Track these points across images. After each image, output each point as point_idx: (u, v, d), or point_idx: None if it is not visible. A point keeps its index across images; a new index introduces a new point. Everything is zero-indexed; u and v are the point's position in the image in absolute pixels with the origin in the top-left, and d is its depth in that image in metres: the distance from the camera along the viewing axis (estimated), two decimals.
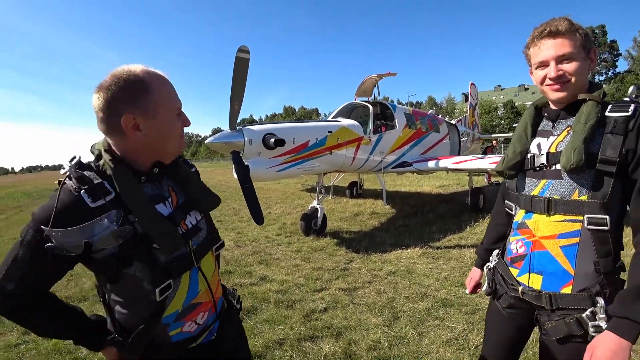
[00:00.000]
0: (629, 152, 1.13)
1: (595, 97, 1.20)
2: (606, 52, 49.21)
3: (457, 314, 3.40)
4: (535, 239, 1.29)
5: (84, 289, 4.48)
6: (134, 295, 1.08)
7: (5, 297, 0.99)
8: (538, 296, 1.27)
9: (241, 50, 5.00)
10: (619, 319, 1.07)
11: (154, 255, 1.06)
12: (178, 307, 1.14)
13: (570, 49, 1.19)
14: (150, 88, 1.03)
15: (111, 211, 0.99)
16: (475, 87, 14.58)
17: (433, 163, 8.15)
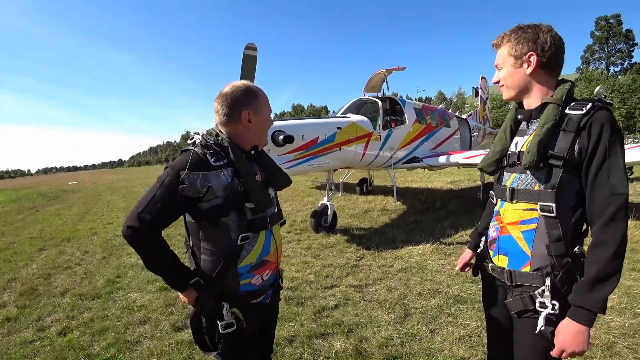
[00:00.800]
0: (582, 150, 1.24)
1: (555, 100, 1.33)
2: (621, 42, 47.93)
3: (470, 310, 3.34)
4: (503, 225, 1.46)
5: (97, 287, 4.54)
6: (223, 240, 1.41)
7: (142, 226, 1.30)
8: (501, 273, 1.45)
9: (248, 48, 4.99)
10: (576, 307, 1.21)
11: (245, 211, 1.42)
12: (253, 260, 1.46)
13: (499, 60, 1.46)
14: (258, 96, 1.52)
15: (228, 169, 1.40)
16: (486, 80, 14.31)
17: (444, 158, 8.03)
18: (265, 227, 1.49)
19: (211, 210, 1.37)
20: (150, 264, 1.40)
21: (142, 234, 1.32)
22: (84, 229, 8.58)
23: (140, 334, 3.30)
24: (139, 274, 4.94)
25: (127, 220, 1.31)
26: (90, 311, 3.85)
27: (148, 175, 36.86)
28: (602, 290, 1.18)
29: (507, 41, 1.41)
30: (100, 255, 6.07)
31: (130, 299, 4.12)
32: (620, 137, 1.25)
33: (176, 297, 4.03)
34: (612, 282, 1.18)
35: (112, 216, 10.39)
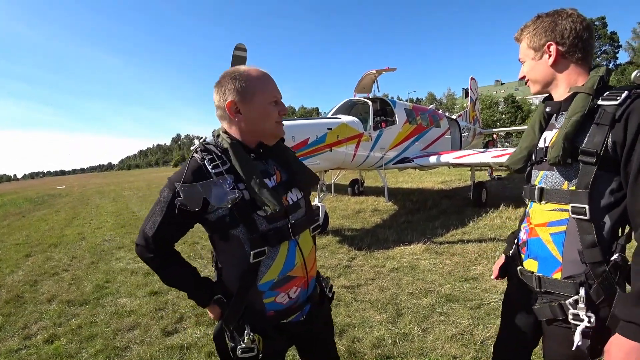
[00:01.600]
0: (615, 144, 1.11)
1: (585, 89, 1.21)
2: (606, 43, 48.94)
3: (462, 309, 3.35)
4: (532, 227, 1.36)
5: (85, 293, 4.46)
6: (237, 255, 1.25)
7: (147, 243, 1.27)
8: (530, 277, 1.34)
9: (238, 48, 4.98)
10: (626, 322, 1.07)
11: (255, 222, 1.22)
12: (274, 276, 1.27)
13: (520, 54, 1.39)
14: (246, 78, 1.26)
15: (227, 176, 1.21)
16: (476, 81, 14.49)
17: (434, 158, 8.09)
18: (285, 238, 1.27)
19: (218, 222, 1.24)
20: (165, 279, 1.37)
21: (148, 251, 1.29)
22: (72, 234, 8.43)
23: (130, 339, 3.24)
24: (128, 279, 4.86)
25: (137, 238, 1.32)
26: (78, 317, 3.77)
27: (138, 179, 36.46)
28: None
29: (526, 33, 1.34)
30: (89, 261, 5.96)
31: (120, 304, 4.05)
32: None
33: (166, 302, 3.98)
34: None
35: (101, 220, 10.24)
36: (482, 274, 4.11)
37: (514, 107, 47.25)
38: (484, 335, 2.86)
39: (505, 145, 31.00)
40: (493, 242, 5.27)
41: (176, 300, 4.01)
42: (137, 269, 5.27)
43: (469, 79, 14.16)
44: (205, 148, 1.28)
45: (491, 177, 13.23)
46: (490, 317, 3.16)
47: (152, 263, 1.32)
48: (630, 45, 48.62)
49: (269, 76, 1.32)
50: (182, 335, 3.24)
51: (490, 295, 3.55)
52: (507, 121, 45.73)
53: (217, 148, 1.28)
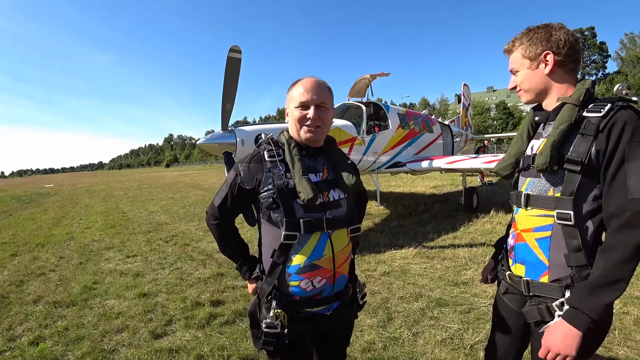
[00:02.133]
0: (599, 153, 1.18)
1: (572, 100, 1.27)
2: (596, 53, 49.90)
3: (452, 313, 3.37)
4: (518, 232, 1.41)
5: (72, 294, 4.38)
6: (274, 236, 1.41)
7: (213, 211, 1.54)
8: (518, 282, 1.39)
9: (233, 50, 4.95)
10: (572, 309, 1.16)
11: (294, 208, 1.37)
12: (301, 261, 1.39)
13: (512, 64, 1.42)
14: (292, 86, 1.47)
15: (279, 165, 1.42)
16: (468, 88, 14.65)
17: (427, 163, 8.14)
18: (317, 229, 1.39)
19: (265, 203, 1.41)
20: (221, 247, 1.62)
21: (213, 218, 1.54)
22: (60, 234, 8.30)
23: (118, 342, 3.20)
24: (117, 280, 4.80)
25: (208, 207, 1.57)
26: (64, 319, 3.71)
27: (129, 179, 36.04)
28: (604, 296, 1.12)
29: (519, 44, 1.38)
30: (77, 261, 5.87)
31: (108, 306, 3.99)
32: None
33: (155, 304, 3.94)
34: (616, 290, 1.12)
35: (90, 220, 10.10)
36: (472, 278, 4.15)
37: (505, 114, 47.91)
38: (473, 340, 2.88)
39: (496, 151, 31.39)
40: (484, 247, 5.32)
41: (165, 302, 3.97)
42: (126, 270, 5.21)
43: (462, 85, 14.32)
44: (268, 141, 1.50)
45: (482, 183, 13.36)
46: (480, 321, 3.18)
47: (215, 229, 1.56)
48: (619, 55, 49.65)
49: (306, 81, 1.45)
50: (172, 338, 3.20)
51: (480, 300, 3.58)
52: (499, 127, 46.34)
53: (278, 143, 1.49)
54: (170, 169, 74.67)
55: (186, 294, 4.14)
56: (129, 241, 7.15)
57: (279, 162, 1.42)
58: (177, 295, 4.15)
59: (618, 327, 2.98)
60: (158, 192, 17.61)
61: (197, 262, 5.38)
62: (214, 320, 3.47)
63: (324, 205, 1.42)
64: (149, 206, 12.42)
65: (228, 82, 4.93)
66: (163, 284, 4.58)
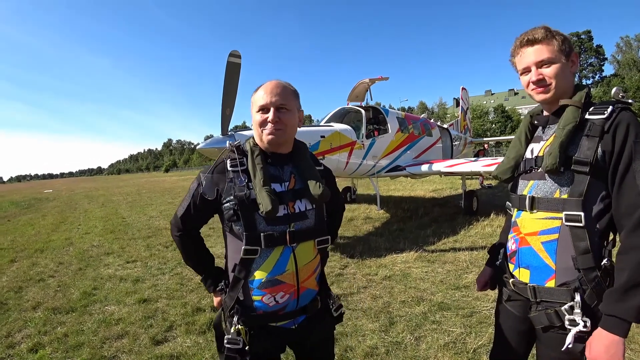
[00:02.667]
0: (605, 154, 1.19)
1: (575, 102, 1.27)
2: (592, 56, 50.27)
3: (454, 317, 3.36)
4: (522, 236, 1.38)
5: (71, 300, 4.36)
6: (235, 249, 1.37)
7: (175, 221, 1.50)
8: (524, 288, 1.36)
9: (232, 55, 4.97)
10: (608, 317, 1.13)
11: (254, 221, 1.31)
12: (263, 276, 1.34)
13: (548, 54, 1.29)
14: (254, 93, 1.41)
15: (241, 175, 1.35)
16: (467, 91, 14.72)
17: (426, 167, 8.16)
18: (279, 243, 1.32)
19: (226, 215, 1.36)
20: (185, 258, 1.58)
21: (177, 229, 1.50)
22: (59, 239, 8.26)
23: (118, 348, 3.17)
24: (117, 286, 4.77)
25: (172, 218, 1.54)
26: (64, 326, 3.68)
27: (128, 184, 35.99)
28: (637, 297, 1.10)
29: (553, 35, 1.30)
30: (76, 267, 5.84)
31: (108, 312, 3.97)
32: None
33: (156, 310, 3.92)
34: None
35: (90, 226, 10.06)
36: (473, 282, 4.13)
37: (503, 117, 48.08)
38: (476, 344, 2.87)
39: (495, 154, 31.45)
40: (484, 250, 5.31)
41: (166, 308, 3.95)
42: (126, 275, 5.18)
43: (460, 89, 14.38)
44: (233, 149, 1.45)
45: (482, 186, 13.38)
46: (483, 325, 3.17)
47: (178, 240, 1.53)
48: (615, 59, 50.02)
49: (266, 84, 1.39)
50: (172, 344, 3.18)
51: (482, 304, 3.57)
52: (497, 130, 46.50)
53: (243, 151, 1.43)
54: (169, 174, 74.62)
55: (187, 300, 4.12)
56: (128, 246, 7.12)
57: (241, 171, 1.36)
58: (177, 300, 4.13)
59: None
60: (157, 197, 17.58)
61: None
62: None
63: (289, 217, 1.35)
64: (148, 211, 12.39)
65: (228, 87, 4.94)
66: (163, 289, 4.55)
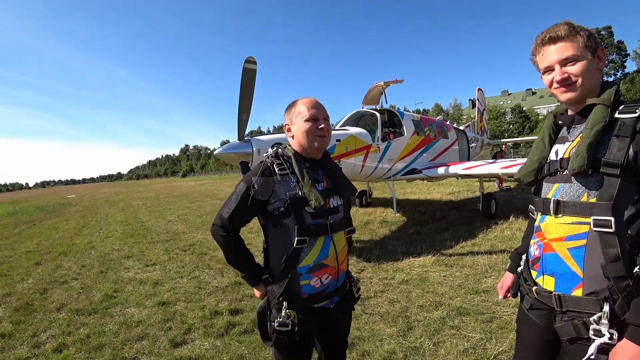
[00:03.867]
0: (637, 155, 1.12)
1: (603, 101, 1.21)
2: (614, 53, 48.66)
3: (474, 322, 3.29)
4: (546, 242, 1.32)
5: (93, 302, 4.47)
6: (284, 241, 1.54)
7: (222, 222, 1.60)
8: (549, 297, 1.29)
9: (248, 62, 5.04)
10: (635, 327, 1.06)
11: (303, 215, 1.53)
12: (311, 262, 1.56)
13: (573, 51, 1.23)
14: (292, 105, 1.67)
15: (293, 175, 1.57)
16: (483, 92, 14.48)
17: (443, 169, 8.04)
18: (323, 233, 1.57)
19: (275, 212, 1.54)
20: (228, 257, 1.68)
21: (222, 230, 1.60)
22: (82, 243, 8.51)
23: (138, 350, 3.24)
24: (137, 289, 4.87)
25: (214, 219, 1.63)
26: (86, 327, 3.78)
27: (147, 189, 36.80)
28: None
29: (577, 31, 1.24)
30: (98, 270, 6.00)
31: (128, 314, 4.05)
32: None
33: (174, 312, 3.98)
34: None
35: (110, 230, 10.32)
36: (493, 286, 4.05)
37: (521, 118, 46.96)
38: (497, 350, 2.80)
39: (513, 155, 30.76)
40: (504, 253, 5.19)
41: (184, 311, 4.00)
42: (145, 278, 5.29)
43: (476, 90, 14.17)
44: (275, 155, 1.65)
45: (500, 188, 13.10)
46: (503, 331, 3.09)
47: (222, 240, 1.62)
48: (638, 54, 48.29)
49: (310, 99, 1.66)
50: (191, 347, 3.22)
51: (502, 309, 3.48)
52: (515, 131, 45.43)
53: (283, 156, 1.64)
54: (186, 179, 75.84)
55: (204, 303, 4.17)
56: (147, 250, 7.27)
57: (289, 173, 1.57)
58: (195, 303, 4.18)
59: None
60: (175, 202, 17.91)
61: (215, 271, 5.42)
62: (232, 329, 3.47)
63: (327, 212, 1.60)
64: (166, 216, 12.63)
65: (244, 93, 5.01)
66: (182, 292, 4.63)
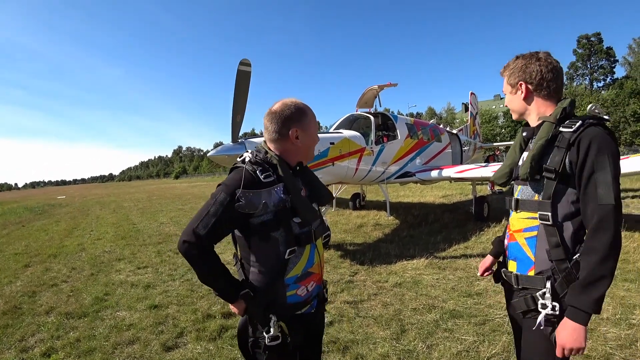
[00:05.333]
0: (572, 163, 1.38)
1: (549, 119, 1.48)
2: (603, 59, 49.54)
3: (467, 325, 3.31)
4: (511, 233, 1.61)
5: (84, 305, 4.40)
6: (272, 253, 1.46)
7: (197, 241, 1.38)
8: (510, 276, 1.58)
9: (242, 64, 5.03)
10: (571, 307, 1.32)
11: (291, 226, 1.47)
12: (299, 272, 1.51)
13: (503, 87, 1.68)
14: (307, 113, 1.57)
15: (279, 185, 1.46)
16: (476, 96, 14.62)
17: (436, 172, 8.10)
18: (310, 240, 1.53)
19: (262, 225, 1.44)
20: (203, 277, 1.49)
21: (196, 248, 1.40)
22: (72, 245, 8.39)
23: (129, 354, 3.19)
24: (128, 292, 4.81)
25: (183, 235, 1.40)
26: (76, 331, 3.72)
27: (139, 190, 36.46)
28: (593, 293, 1.28)
29: (506, 72, 1.63)
30: (88, 272, 5.91)
31: (119, 317, 4.00)
32: (611, 150, 1.33)
33: (166, 316, 3.93)
34: (601, 286, 1.28)
35: (101, 231, 10.20)
36: (485, 289, 4.07)
37: (513, 122, 47.47)
38: (489, 353, 2.81)
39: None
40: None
41: (176, 314, 3.96)
42: (137, 281, 5.22)
43: (469, 94, 14.29)
44: (255, 161, 1.49)
45: (492, 191, 13.22)
46: (496, 333, 3.11)
47: (195, 259, 1.42)
48: (627, 60, 49.26)
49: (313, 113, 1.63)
50: (183, 351, 3.18)
51: (494, 311, 3.51)
52: (507, 135, 45.94)
53: (265, 163, 1.50)
54: (179, 181, 75.34)
55: (197, 306, 4.13)
56: (139, 252, 7.19)
57: (276, 182, 1.47)
58: (187, 307, 4.14)
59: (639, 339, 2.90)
60: (167, 204, 17.75)
61: None
62: (225, 333, 3.44)
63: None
64: (158, 217, 12.51)
65: (238, 95, 5.00)
66: (174, 295, 4.58)
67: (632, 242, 5.61)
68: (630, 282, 4.08)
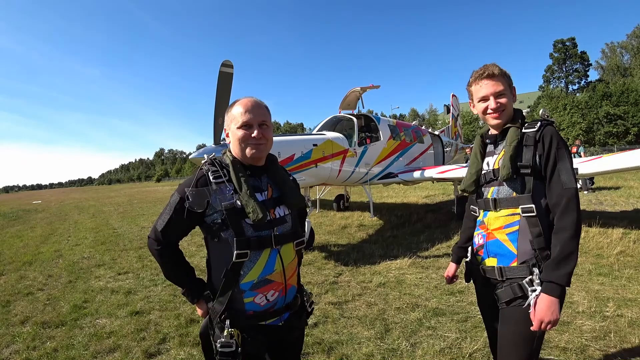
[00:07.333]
0: (540, 157, 1.56)
1: (516, 124, 1.66)
2: (577, 62, 51.34)
3: (449, 322, 3.37)
4: (489, 232, 1.70)
5: (61, 314, 4.27)
6: (224, 255, 1.42)
7: (156, 236, 1.49)
8: (492, 270, 1.67)
9: (225, 65, 5.00)
10: (546, 282, 1.46)
11: (243, 228, 1.41)
12: (254, 277, 1.44)
13: (503, 87, 1.67)
14: (230, 108, 1.54)
15: (228, 186, 1.45)
16: (457, 98, 14.92)
17: (418, 173, 8.22)
18: (267, 245, 1.44)
19: (213, 224, 1.44)
20: (166, 272, 1.57)
21: (157, 243, 1.50)
22: (48, 252, 8.10)
23: None
24: (108, 298, 4.69)
25: (150, 232, 1.53)
26: (53, 340, 3.60)
27: (119, 194, 35.56)
28: (566, 267, 1.43)
29: (505, 73, 1.69)
30: (66, 279, 5.73)
31: (99, 325, 3.89)
32: (565, 144, 1.58)
33: (148, 322, 3.86)
34: (572, 260, 1.44)
35: (80, 237, 9.90)
36: (468, 287, 4.15)
37: None
38: (471, 348, 2.87)
39: None
40: None
41: (159, 320, 3.89)
42: (117, 287, 5.10)
43: (450, 96, 14.58)
44: (211, 162, 1.52)
45: None
46: (477, 329, 3.18)
47: (158, 255, 1.52)
48: (600, 65, 51.25)
49: (245, 101, 1.52)
50: (166, 357, 3.13)
51: (476, 308, 3.58)
52: None
53: (222, 163, 1.52)
54: (161, 184, 73.90)
55: (180, 311, 4.07)
56: (119, 258, 7.02)
57: (226, 182, 1.45)
58: (170, 312, 4.07)
59: (613, 330, 3.02)
60: (149, 207, 17.41)
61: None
62: None
63: (271, 222, 1.48)
64: (140, 222, 12.26)
65: (220, 97, 4.96)
66: (156, 301, 4.49)
67: (606, 237, 5.82)
68: (604, 277, 4.25)
